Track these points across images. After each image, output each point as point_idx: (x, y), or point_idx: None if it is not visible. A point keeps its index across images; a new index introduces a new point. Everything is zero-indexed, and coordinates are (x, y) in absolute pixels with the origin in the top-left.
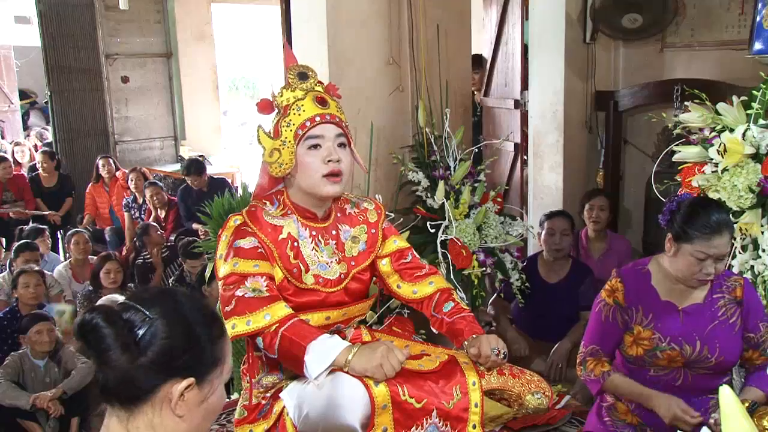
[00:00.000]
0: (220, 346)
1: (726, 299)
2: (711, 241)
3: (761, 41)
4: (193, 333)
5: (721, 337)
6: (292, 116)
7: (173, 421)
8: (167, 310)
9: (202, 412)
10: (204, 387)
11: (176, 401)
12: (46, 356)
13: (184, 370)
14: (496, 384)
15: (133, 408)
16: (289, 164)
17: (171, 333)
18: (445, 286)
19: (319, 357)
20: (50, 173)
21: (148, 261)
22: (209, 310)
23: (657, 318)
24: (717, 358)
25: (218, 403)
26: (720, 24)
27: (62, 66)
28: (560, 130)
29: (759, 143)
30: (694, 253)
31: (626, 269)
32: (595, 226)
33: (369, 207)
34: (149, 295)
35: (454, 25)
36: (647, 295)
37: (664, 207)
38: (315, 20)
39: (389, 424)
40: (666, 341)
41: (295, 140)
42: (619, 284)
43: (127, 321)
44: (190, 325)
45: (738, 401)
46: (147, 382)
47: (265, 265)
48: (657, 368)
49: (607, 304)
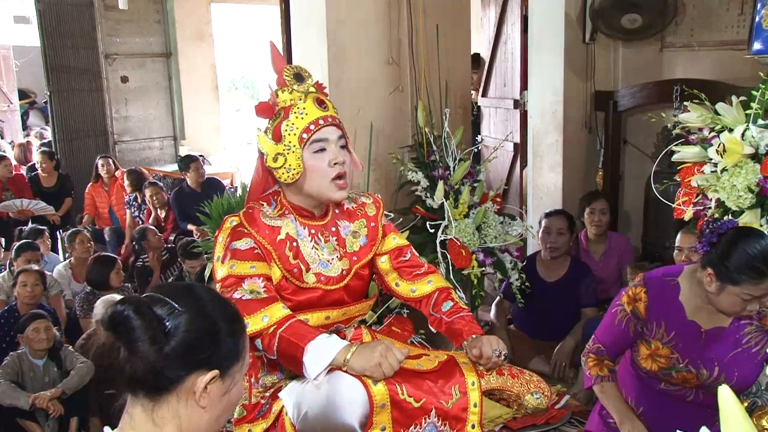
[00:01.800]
0: (241, 340)
1: (754, 326)
2: (760, 284)
3: (760, 41)
4: (217, 327)
5: (741, 365)
6: (295, 119)
7: (197, 412)
8: (192, 305)
9: (224, 403)
10: (226, 380)
11: (201, 393)
12: (45, 356)
13: (209, 363)
14: (495, 384)
15: (159, 398)
16: (297, 169)
17: (197, 326)
18: (443, 285)
19: (317, 357)
20: (49, 173)
21: (146, 264)
22: (231, 307)
23: (678, 337)
24: (733, 385)
25: (238, 396)
26: (719, 24)
27: (61, 66)
28: (559, 130)
29: (758, 143)
30: (741, 295)
31: (653, 277)
32: (596, 230)
33: (367, 201)
34: (175, 289)
35: (454, 25)
36: (672, 310)
37: (701, 236)
38: (314, 20)
39: (388, 423)
40: (684, 363)
41: (300, 144)
42: (643, 294)
43: (156, 313)
44: (214, 319)
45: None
46: (173, 373)
47: (262, 266)
48: (668, 384)
49: (624, 311)
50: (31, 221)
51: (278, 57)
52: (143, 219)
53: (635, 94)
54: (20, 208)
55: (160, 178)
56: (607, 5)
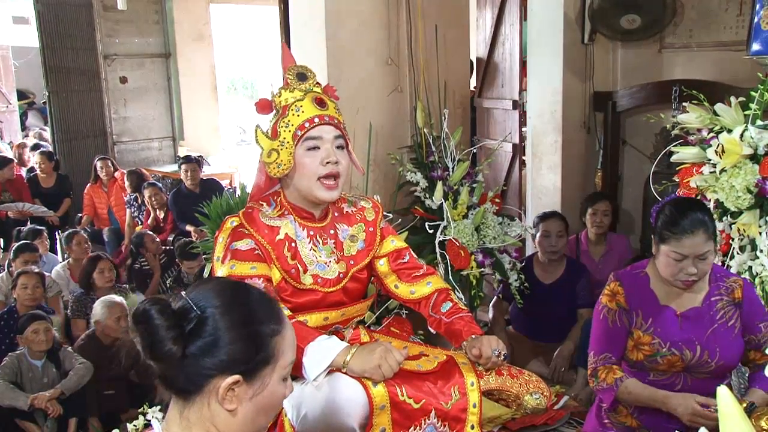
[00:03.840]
0: (275, 343)
1: (724, 301)
2: (681, 241)
3: (759, 42)
4: (244, 329)
5: (721, 341)
6: (291, 117)
7: (224, 414)
8: (223, 304)
9: (254, 406)
10: (254, 383)
11: (222, 396)
12: (44, 356)
13: (233, 365)
14: (494, 384)
15: (188, 398)
16: (287, 165)
17: (221, 328)
18: (442, 286)
19: (316, 358)
20: (48, 174)
21: (145, 267)
22: (270, 306)
23: (656, 323)
24: (717, 362)
25: (272, 399)
26: (718, 25)
27: (60, 66)
28: (558, 130)
29: (757, 144)
30: (670, 254)
31: (624, 273)
32: (598, 231)
33: (366, 206)
34: (211, 287)
35: (453, 25)
36: (646, 299)
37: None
38: (314, 21)
39: (387, 425)
40: (666, 347)
41: (294, 141)
42: (619, 287)
43: (178, 314)
44: (242, 321)
45: (736, 402)
46: (197, 374)
47: (263, 267)
48: (657, 373)
49: (611, 310)
50: (29, 221)
51: (289, 57)
52: (143, 219)
53: (634, 94)
54: (20, 210)
55: (159, 178)
56: (606, 6)
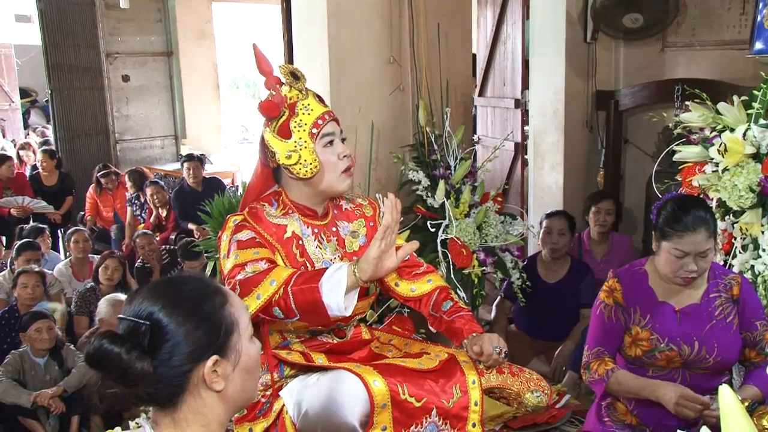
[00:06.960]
0: (227, 312)
1: (723, 298)
2: (683, 238)
3: (762, 41)
4: (197, 314)
5: (719, 337)
6: (302, 116)
7: (215, 397)
8: (165, 304)
9: (239, 376)
10: (230, 355)
11: (210, 380)
12: (47, 354)
13: (204, 350)
14: (495, 382)
15: (176, 403)
16: (315, 164)
17: (176, 325)
18: (443, 284)
19: (332, 289)
20: (51, 172)
21: (148, 265)
22: (204, 284)
23: (654, 319)
24: (715, 358)
25: (251, 360)
26: (721, 24)
27: (63, 64)
28: (561, 129)
29: (759, 143)
30: (671, 251)
31: (623, 270)
32: (601, 230)
33: (363, 203)
34: (144, 295)
35: (455, 24)
36: (644, 295)
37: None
38: (316, 19)
39: (389, 423)
40: (664, 342)
41: (312, 139)
42: (617, 284)
43: (128, 334)
44: (191, 308)
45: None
46: (175, 376)
47: (265, 251)
48: (656, 369)
49: (608, 305)
50: (32, 219)
51: (263, 60)
52: (145, 218)
53: (636, 93)
54: (20, 205)
55: (161, 177)
56: (608, 4)
